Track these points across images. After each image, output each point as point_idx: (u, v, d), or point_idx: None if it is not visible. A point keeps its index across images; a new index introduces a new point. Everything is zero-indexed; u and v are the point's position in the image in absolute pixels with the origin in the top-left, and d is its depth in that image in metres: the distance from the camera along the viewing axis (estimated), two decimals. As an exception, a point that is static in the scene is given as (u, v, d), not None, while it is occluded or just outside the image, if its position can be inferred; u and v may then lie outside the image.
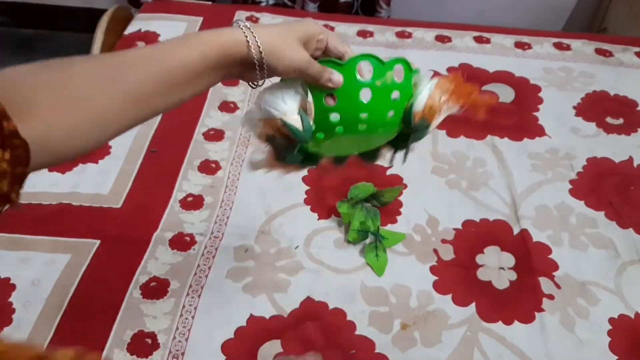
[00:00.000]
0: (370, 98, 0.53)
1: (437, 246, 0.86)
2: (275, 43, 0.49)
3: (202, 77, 0.48)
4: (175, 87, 0.46)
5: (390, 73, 0.53)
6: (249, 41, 0.48)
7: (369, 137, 0.56)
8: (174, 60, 0.46)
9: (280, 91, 0.53)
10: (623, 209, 0.93)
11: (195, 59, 0.46)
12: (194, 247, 0.84)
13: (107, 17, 1.23)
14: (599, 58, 1.28)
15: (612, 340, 0.76)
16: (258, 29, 0.48)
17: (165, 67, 0.45)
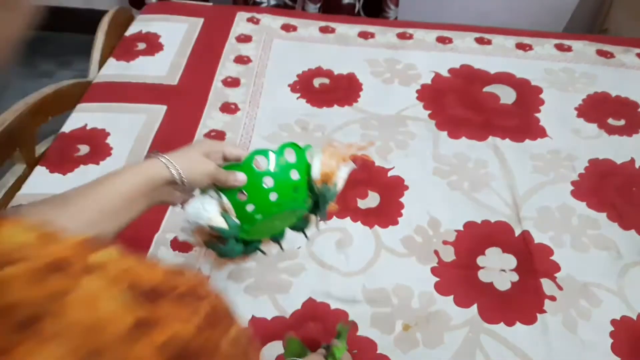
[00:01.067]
0: (274, 182, 0.62)
1: (438, 247, 0.86)
2: (187, 162, 0.59)
3: (136, 203, 0.56)
4: (113, 215, 0.54)
5: (283, 158, 0.63)
6: (168, 165, 0.58)
7: (286, 213, 0.65)
8: (109, 192, 0.55)
9: (199, 202, 0.62)
10: (625, 210, 0.93)
11: (129, 187, 0.55)
12: (195, 249, 0.84)
13: (108, 18, 1.23)
14: (600, 59, 1.28)
15: (614, 341, 0.76)
16: (170, 155, 0.59)
17: (101, 198, 0.54)
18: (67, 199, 0.52)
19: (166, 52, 1.23)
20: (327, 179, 0.65)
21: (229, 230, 0.61)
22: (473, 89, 1.18)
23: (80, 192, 0.54)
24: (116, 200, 0.54)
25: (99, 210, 0.53)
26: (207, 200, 0.62)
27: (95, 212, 0.52)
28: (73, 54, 2.13)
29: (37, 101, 0.96)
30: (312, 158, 0.65)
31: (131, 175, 0.56)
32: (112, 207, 0.54)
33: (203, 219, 0.61)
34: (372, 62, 1.24)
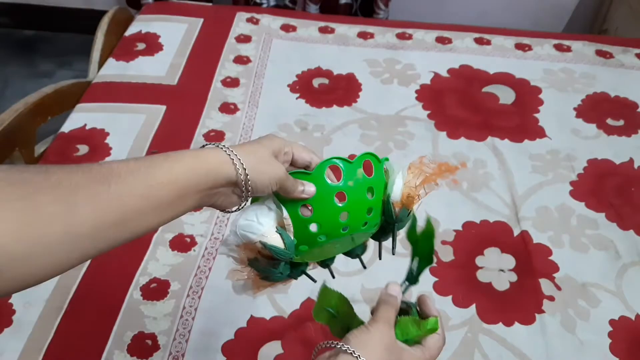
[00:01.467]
0: (347, 200, 0.52)
1: (437, 247, 0.86)
2: (254, 161, 0.49)
3: (185, 199, 0.45)
4: (159, 207, 0.43)
5: (360, 170, 0.53)
6: (233, 159, 0.47)
7: (351, 237, 0.55)
8: (161, 175, 0.43)
9: (253, 213, 0.52)
10: (624, 211, 0.93)
11: (183, 176, 0.44)
12: (194, 249, 0.84)
13: (108, 18, 1.23)
14: (599, 59, 1.28)
15: (612, 341, 0.76)
16: (236, 148, 0.48)
17: (152, 181, 0.42)
18: (112, 174, 0.40)
19: (166, 52, 1.23)
20: (409, 202, 0.55)
21: (285, 251, 0.52)
22: (472, 89, 1.18)
23: (129, 167, 0.42)
24: (169, 190, 0.43)
25: (146, 197, 0.42)
26: (264, 211, 0.53)
27: (142, 199, 0.41)
28: (73, 54, 2.13)
29: (36, 101, 0.97)
30: (390, 174, 0.56)
31: (190, 165, 0.45)
32: (161, 197, 0.43)
33: (255, 234, 0.52)
34: (371, 62, 1.24)
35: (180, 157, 0.45)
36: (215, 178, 0.46)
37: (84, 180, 0.39)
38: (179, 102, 1.10)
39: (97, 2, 2.11)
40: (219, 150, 0.47)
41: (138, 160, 0.43)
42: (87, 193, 0.38)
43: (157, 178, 0.42)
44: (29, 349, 0.71)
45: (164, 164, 0.43)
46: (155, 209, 0.43)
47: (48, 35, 2.23)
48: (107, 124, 1.04)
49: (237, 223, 0.52)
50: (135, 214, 0.41)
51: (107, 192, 0.39)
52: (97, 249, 0.40)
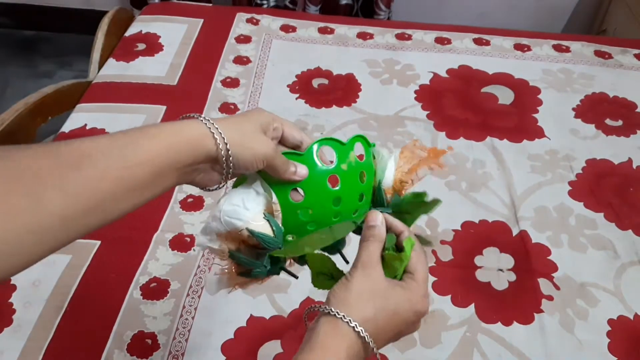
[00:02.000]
0: (340, 185, 0.48)
1: (436, 247, 0.86)
2: (238, 134, 0.44)
3: (163, 179, 0.42)
4: (135, 189, 0.40)
5: (353, 154, 0.49)
6: (213, 133, 0.43)
7: (339, 226, 0.50)
8: (138, 154, 0.39)
9: (239, 197, 0.47)
10: (622, 210, 0.94)
11: (162, 154, 0.41)
12: (194, 248, 0.84)
13: (108, 18, 1.24)
14: (598, 60, 1.28)
15: (611, 341, 0.76)
16: (218, 121, 0.44)
17: (128, 162, 0.39)
18: (83, 156, 0.37)
19: (166, 52, 1.23)
20: (400, 188, 0.52)
21: (274, 240, 0.47)
22: (471, 90, 1.19)
23: (102, 147, 0.38)
24: (146, 170, 0.40)
25: (121, 180, 0.38)
26: (251, 196, 0.48)
27: (117, 181, 0.38)
28: (73, 54, 2.13)
29: (37, 101, 0.97)
30: (378, 160, 0.53)
31: (168, 140, 0.41)
32: (138, 178, 0.40)
33: (242, 220, 0.47)
34: (370, 62, 1.24)
35: (157, 132, 0.42)
36: (194, 154, 0.43)
37: (52, 165, 0.35)
38: (179, 103, 1.10)
39: (98, 2, 2.12)
40: (199, 122, 0.43)
41: (112, 137, 0.40)
42: (56, 180, 0.35)
43: (133, 158, 0.39)
44: (29, 348, 0.71)
45: (140, 141, 0.40)
46: (131, 191, 0.40)
47: (48, 36, 2.23)
48: (107, 124, 1.04)
49: (221, 208, 0.47)
50: (110, 199, 0.38)
51: (78, 177, 0.36)
52: (69, 238, 0.37)
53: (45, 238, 0.35)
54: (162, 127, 0.43)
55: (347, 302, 0.44)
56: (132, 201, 0.41)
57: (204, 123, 0.43)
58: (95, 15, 1.33)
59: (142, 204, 0.42)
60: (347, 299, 0.44)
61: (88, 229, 0.39)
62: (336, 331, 0.42)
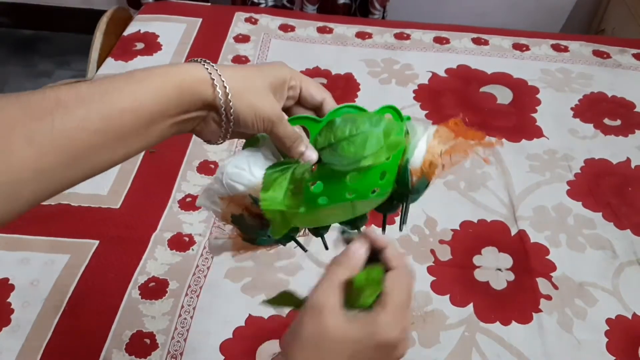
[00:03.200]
0: None
1: (435, 247, 0.86)
2: (243, 85, 0.39)
3: (154, 127, 0.38)
4: (120, 140, 0.36)
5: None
6: (214, 79, 0.38)
7: (357, 203, 0.45)
8: (122, 101, 0.36)
9: (245, 160, 0.43)
10: (621, 210, 0.94)
11: (149, 100, 0.37)
12: (192, 248, 0.84)
13: (107, 18, 1.23)
14: (596, 60, 1.29)
15: (609, 340, 0.76)
16: (223, 68, 0.39)
17: (109, 110, 0.35)
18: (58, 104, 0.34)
19: (164, 51, 1.23)
20: (430, 172, 0.47)
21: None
22: (470, 89, 1.19)
23: (80, 95, 0.35)
24: (132, 119, 0.36)
25: (102, 131, 0.35)
26: (259, 160, 0.44)
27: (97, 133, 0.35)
28: (71, 53, 2.13)
29: (35, 101, 0.97)
30: (411, 137, 0.47)
31: (158, 85, 0.37)
32: (122, 128, 0.36)
33: (245, 186, 0.43)
34: (369, 62, 1.24)
35: (146, 75, 0.37)
36: (189, 99, 0.38)
37: (21, 115, 0.33)
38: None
39: (96, 1, 2.11)
40: (199, 66, 0.39)
41: (93, 84, 0.36)
42: (25, 132, 0.32)
43: (115, 106, 0.35)
44: (28, 348, 0.71)
45: (125, 87, 0.36)
46: (115, 141, 0.36)
47: (47, 35, 2.22)
48: (106, 124, 1.04)
49: (225, 170, 0.43)
50: (89, 151, 0.35)
51: (50, 129, 0.33)
52: (49, 191, 0.35)
53: (19, 193, 0.33)
54: (152, 70, 0.38)
55: (291, 353, 0.39)
56: (120, 151, 0.37)
57: (204, 67, 0.39)
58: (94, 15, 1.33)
59: (136, 153, 0.39)
60: (292, 348, 0.39)
61: (72, 181, 0.36)
62: None
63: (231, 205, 0.44)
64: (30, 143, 0.32)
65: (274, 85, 0.42)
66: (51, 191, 0.35)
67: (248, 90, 0.40)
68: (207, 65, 0.39)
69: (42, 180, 0.34)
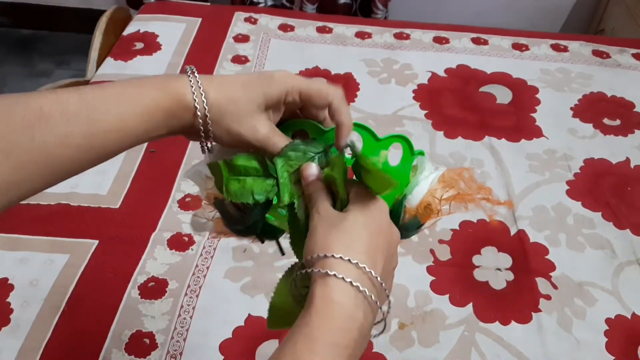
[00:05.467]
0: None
1: (434, 246, 0.86)
2: (225, 109, 0.38)
3: (135, 143, 0.38)
4: (101, 156, 0.37)
5: (385, 152, 0.44)
6: (197, 107, 0.38)
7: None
8: (108, 121, 0.36)
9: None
10: (620, 210, 0.94)
11: (136, 122, 0.37)
12: (192, 247, 0.84)
13: (106, 17, 1.23)
14: (596, 59, 1.29)
15: (608, 340, 0.76)
16: (210, 85, 0.38)
17: (94, 130, 0.35)
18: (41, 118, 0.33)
19: (164, 51, 1.23)
20: (424, 214, 0.45)
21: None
22: (469, 89, 1.19)
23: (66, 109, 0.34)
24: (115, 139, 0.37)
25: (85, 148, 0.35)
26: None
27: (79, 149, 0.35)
28: (71, 53, 2.13)
29: (34, 100, 0.96)
30: (418, 172, 0.47)
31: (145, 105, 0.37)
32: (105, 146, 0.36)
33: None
34: (369, 62, 1.24)
35: (136, 94, 0.37)
36: (174, 123, 0.38)
37: (1, 126, 0.32)
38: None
39: (95, 1, 2.11)
40: (187, 85, 0.38)
41: (81, 98, 0.35)
42: (2, 145, 0.32)
43: (101, 125, 0.35)
44: (27, 348, 0.71)
45: (113, 106, 0.36)
46: (96, 158, 0.37)
47: (46, 35, 2.22)
48: (105, 124, 1.04)
49: (213, 149, 0.43)
50: (68, 166, 0.35)
51: (29, 143, 0.32)
52: (20, 199, 0.35)
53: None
54: (143, 88, 0.37)
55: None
56: (96, 162, 0.38)
57: (191, 87, 0.38)
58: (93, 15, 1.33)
59: (107, 159, 0.39)
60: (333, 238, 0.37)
61: (45, 188, 0.36)
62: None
63: (216, 188, 0.43)
64: (7, 156, 0.32)
65: (266, 104, 0.40)
66: (22, 198, 0.35)
67: (228, 117, 0.39)
68: (194, 85, 0.38)
69: (15, 190, 0.33)
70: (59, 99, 0.34)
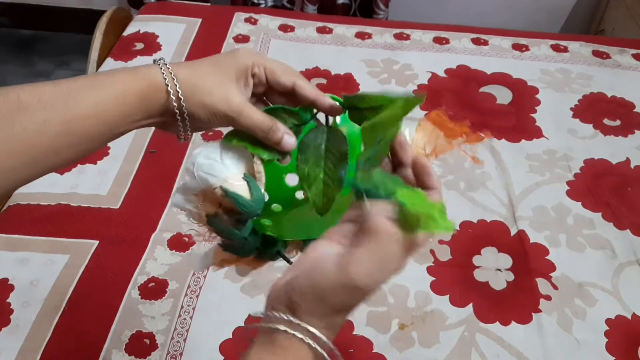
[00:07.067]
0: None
1: (434, 247, 0.86)
2: (195, 85, 0.39)
3: (116, 130, 0.39)
4: (81, 143, 0.37)
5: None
6: (168, 85, 0.38)
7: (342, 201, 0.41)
8: (84, 107, 0.36)
9: (217, 151, 0.41)
10: (620, 210, 0.94)
11: (111, 107, 0.37)
12: (192, 248, 0.84)
13: (106, 18, 1.23)
14: (596, 60, 1.29)
15: (609, 340, 0.76)
16: (179, 68, 0.39)
17: (71, 115, 0.36)
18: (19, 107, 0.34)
19: (164, 52, 1.23)
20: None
21: (250, 203, 0.40)
22: (469, 89, 1.19)
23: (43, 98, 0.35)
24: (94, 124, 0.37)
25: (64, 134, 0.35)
26: (232, 152, 0.41)
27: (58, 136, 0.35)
28: (71, 53, 2.13)
29: (34, 101, 0.96)
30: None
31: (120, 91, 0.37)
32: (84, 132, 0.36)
33: (216, 177, 0.40)
34: (369, 62, 1.24)
35: (109, 81, 0.38)
36: (149, 105, 0.39)
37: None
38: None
39: (96, 1, 2.11)
40: (156, 69, 0.39)
41: (56, 87, 0.36)
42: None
43: (78, 111, 0.36)
44: (27, 348, 0.71)
45: (88, 92, 0.37)
46: (76, 144, 0.37)
47: (46, 35, 2.22)
48: (105, 124, 1.04)
49: (196, 161, 0.41)
50: (49, 154, 0.35)
51: (9, 132, 0.33)
52: (2, 189, 0.35)
53: None
54: (115, 75, 0.38)
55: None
56: (82, 152, 0.38)
57: (161, 71, 0.39)
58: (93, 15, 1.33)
59: (92, 152, 0.40)
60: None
61: (29, 180, 0.37)
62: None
63: (206, 204, 0.42)
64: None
65: (235, 76, 0.40)
66: (5, 189, 0.35)
67: (200, 90, 0.39)
68: (163, 68, 0.39)
69: (5, 178, 0.34)
70: (35, 89, 0.35)
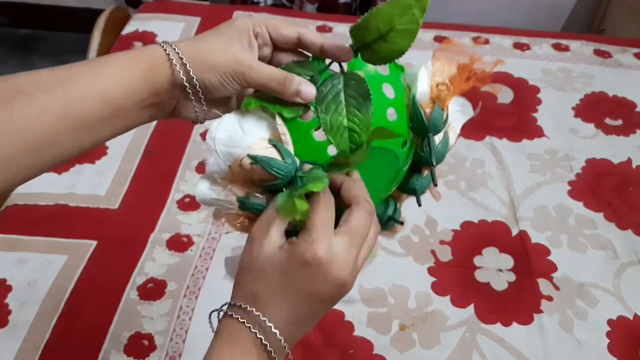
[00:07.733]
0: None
1: (435, 247, 0.86)
2: (200, 51, 0.38)
3: (122, 112, 0.37)
4: (85, 127, 0.36)
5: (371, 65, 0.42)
6: (170, 54, 0.37)
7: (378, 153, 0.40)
8: (83, 87, 0.35)
9: (235, 122, 0.39)
10: (622, 210, 0.93)
11: (112, 85, 0.36)
12: (191, 248, 0.83)
13: (105, 17, 1.23)
14: (597, 59, 1.28)
15: (610, 341, 0.76)
16: (180, 42, 0.38)
17: (70, 96, 0.35)
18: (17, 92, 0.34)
19: (163, 51, 1.22)
20: (440, 95, 0.43)
21: (284, 165, 0.37)
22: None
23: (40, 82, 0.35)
24: (96, 105, 0.36)
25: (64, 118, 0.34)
26: (251, 119, 0.39)
27: (59, 120, 0.34)
28: (70, 52, 2.12)
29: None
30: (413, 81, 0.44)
31: (120, 70, 0.36)
32: (86, 115, 0.36)
33: (240, 147, 0.38)
34: (369, 61, 1.23)
35: (107, 62, 0.37)
36: (155, 81, 0.37)
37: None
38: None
39: (94, 1, 2.10)
40: (157, 47, 0.38)
41: (53, 71, 0.35)
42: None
43: (76, 92, 0.35)
44: (25, 349, 0.70)
45: (85, 73, 0.36)
46: (79, 128, 0.35)
47: (45, 34, 2.22)
48: (104, 123, 1.03)
49: (215, 137, 0.38)
50: (52, 138, 0.35)
51: (9, 118, 0.33)
52: (9, 180, 0.35)
53: None
54: (113, 56, 0.37)
55: (236, 279, 0.44)
56: (87, 139, 0.37)
57: (162, 47, 0.38)
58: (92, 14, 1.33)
59: (108, 139, 0.38)
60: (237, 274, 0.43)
61: (36, 170, 0.36)
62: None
63: (234, 185, 0.40)
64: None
65: (238, 38, 0.39)
66: (12, 180, 0.35)
67: (205, 54, 0.38)
68: (164, 45, 0.38)
69: (4, 167, 0.34)
70: (33, 75, 0.35)
